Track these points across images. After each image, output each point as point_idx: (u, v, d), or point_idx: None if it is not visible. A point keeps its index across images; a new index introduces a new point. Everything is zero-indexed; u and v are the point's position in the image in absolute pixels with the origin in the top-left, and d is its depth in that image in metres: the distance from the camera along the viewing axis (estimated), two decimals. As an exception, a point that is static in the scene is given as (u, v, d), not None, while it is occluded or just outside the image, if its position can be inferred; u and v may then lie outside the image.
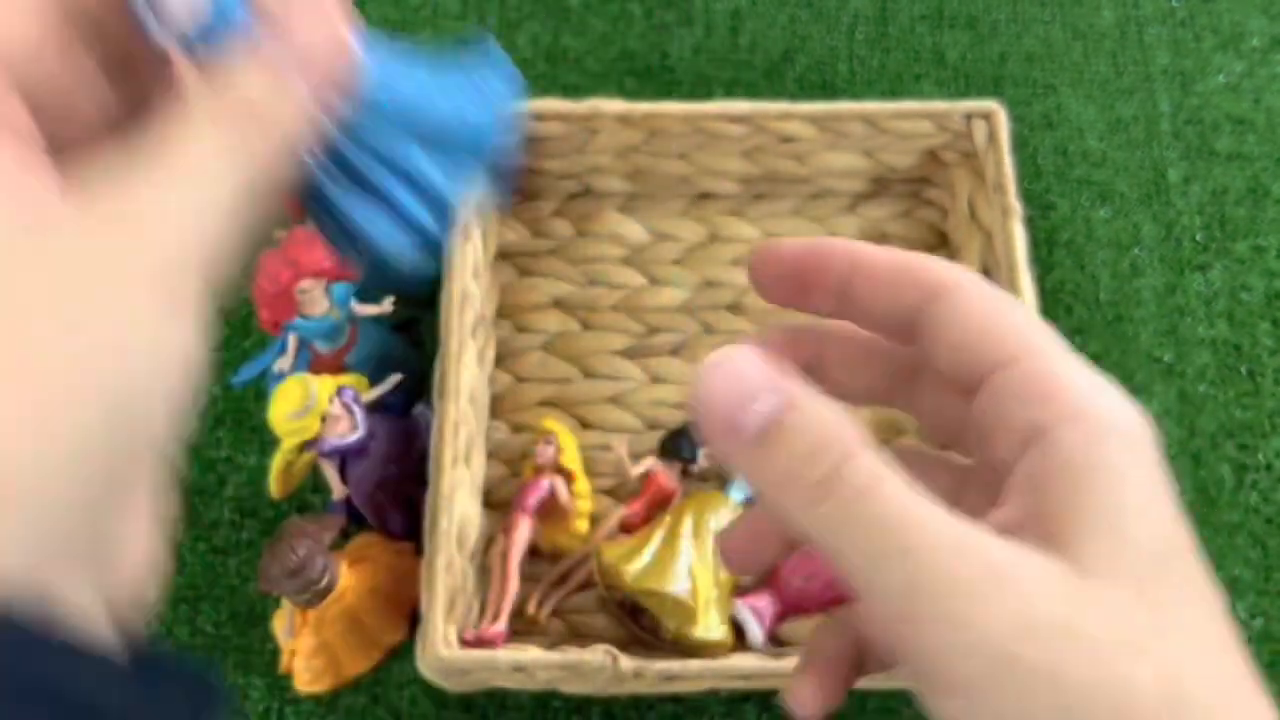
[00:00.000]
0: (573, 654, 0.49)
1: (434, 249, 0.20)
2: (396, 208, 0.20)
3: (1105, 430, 0.21)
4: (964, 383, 0.22)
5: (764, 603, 0.56)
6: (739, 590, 0.57)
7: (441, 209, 0.20)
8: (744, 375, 0.20)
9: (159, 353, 0.17)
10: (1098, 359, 0.65)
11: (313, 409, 0.52)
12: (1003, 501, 0.21)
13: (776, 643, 0.57)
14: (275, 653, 0.58)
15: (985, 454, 0.23)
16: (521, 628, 0.57)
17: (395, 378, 0.57)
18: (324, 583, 0.50)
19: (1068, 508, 0.20)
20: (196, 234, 0.18)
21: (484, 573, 0.58)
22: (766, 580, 0.58)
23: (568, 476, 0.58)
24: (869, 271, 0.23)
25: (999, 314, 0.22)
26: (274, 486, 0.57)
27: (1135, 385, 0.64)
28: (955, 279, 0.22)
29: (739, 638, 0.55)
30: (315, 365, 0.57)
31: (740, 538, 0.27)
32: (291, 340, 0.56)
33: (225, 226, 0.18)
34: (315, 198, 0.20)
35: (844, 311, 0.24)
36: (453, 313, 0.56)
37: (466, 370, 0.56)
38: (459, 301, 0.56)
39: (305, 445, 0.54)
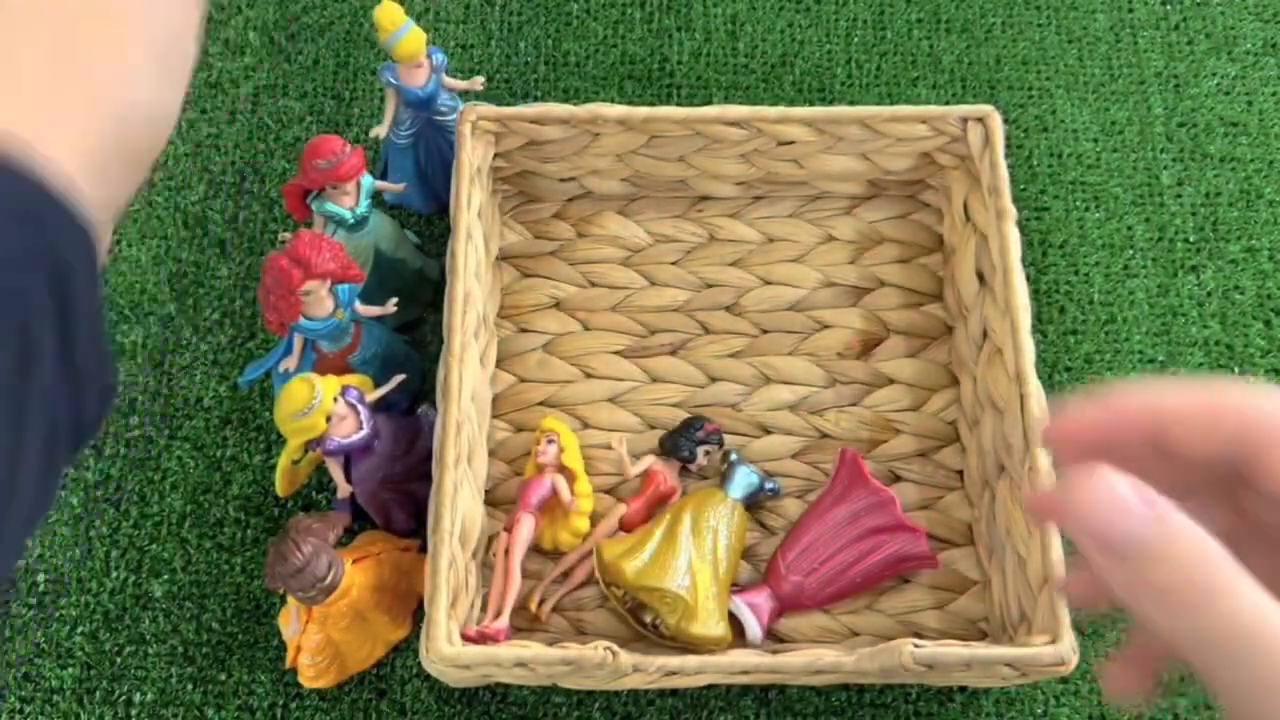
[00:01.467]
0: (574, 650, 0.50)
1: None
2: None
3: None
4: None
5: (762, 599, 0.56)
6: (737, 587, 0.58)
7: None
8: (1119, 492, 0.21)
9: None
10: (1091, 360, 0.66)
11: (317, 408, 0.52)
12: None
13: (774, 639, 0.58)
14: (281, 649, 0.58)
15: None
16: (523, 624, 0.57)
17: (399, 378, 0.58)
18: (329, 580, 0.51)
19: None
20: None
21: (486, 570, 0.58)
22: (764, 576, 0.58)
23: (569, 475, 0.59)
24: (1179, 425, 0.23)
25: None
26: (279, 485, 0.57)
27: (1128, 385, 0.65)
28: (1273, 421, 0.23)
29: (738, 634, 0.56)
30: (320, 365, 0.58)
31: (1128, 662, 0.27)
32: (297, 341, 0.57)
33: None
34: None
35: (1158, 466, 0.24)
36: (455, 314, 0.56)
37: (469, 370, 0.57)
38: (461, 302, 0.57)
39: (310, 444, 0.54)
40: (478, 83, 0.64)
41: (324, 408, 0.52)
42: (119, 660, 0.59)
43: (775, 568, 0.57)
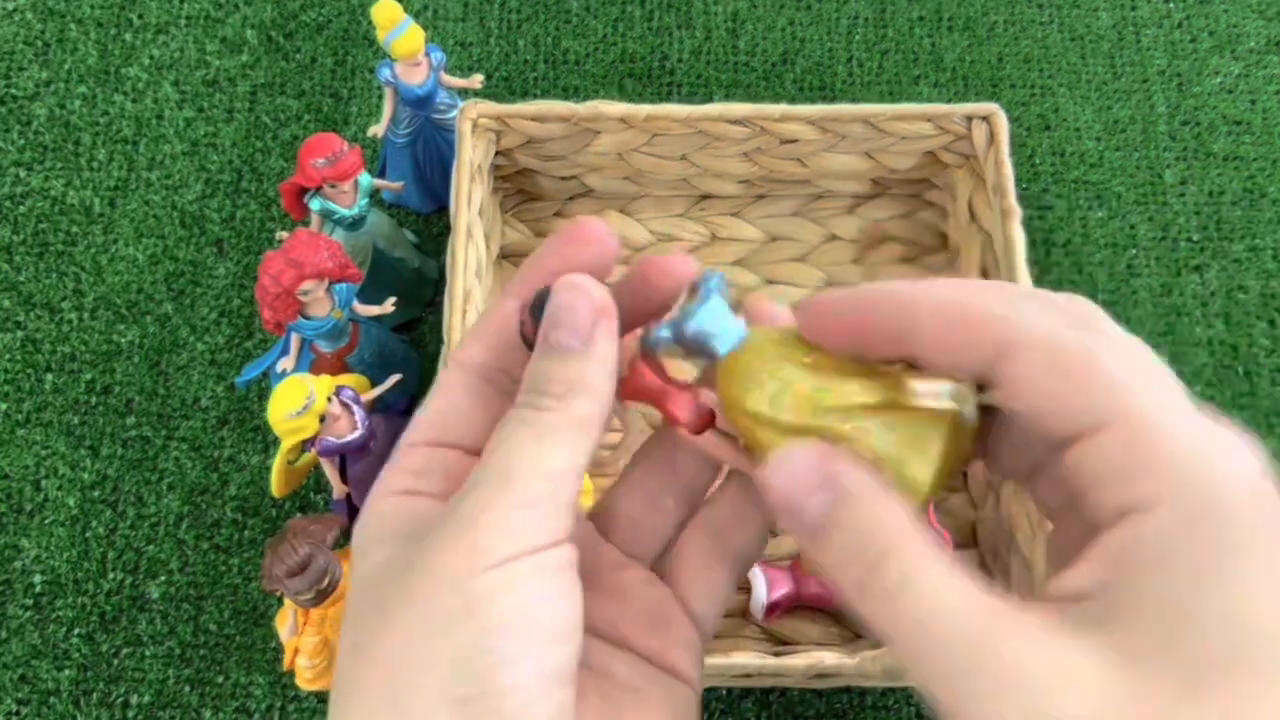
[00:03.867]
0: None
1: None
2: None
3: (1204, 510, 0.18)
4: (1047, 443, 0.21)
5: (781, 577, 0.56)
6: (764, 559, 0.58)
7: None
8: (803, 470, 0.21)
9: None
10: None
11: (311, 408, 0.52)
12: (1079, 561, 0.19)
13: (777, 641, 0.58)
14: (278, 651, 0.58)
15: (1072, 507, 0.21)
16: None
17: (394, 378, 0.57)
18: (326, 582, 0.51)
19: (1136, 590, 0.18)
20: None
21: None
22: (792, 563, 0.58)
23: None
24: (925, 327, 0.21)
25: (1083, 374, 0.20)
26: (275, 486, 0.57)
27: (1132, 385, 0.65)
28: (1025, 336, 0.20)
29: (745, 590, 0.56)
30: (317, 365, 0.58)
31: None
32: (294, 340, 0.56)
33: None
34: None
35: (910, 361, 0.22)
36: (455, 313, 0.56)
37: (468, 370, 0.57)
38: (461, 302, 0.56)
39: (305, 444, 0.54)
40: (476, 80, 0.63)
41: (318, 408, 0.52)
42: (116, 662, 0.58)
43: (799, 565, 0.57)
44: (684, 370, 0.25)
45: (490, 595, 0.20)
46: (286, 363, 0.57)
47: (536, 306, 0.23)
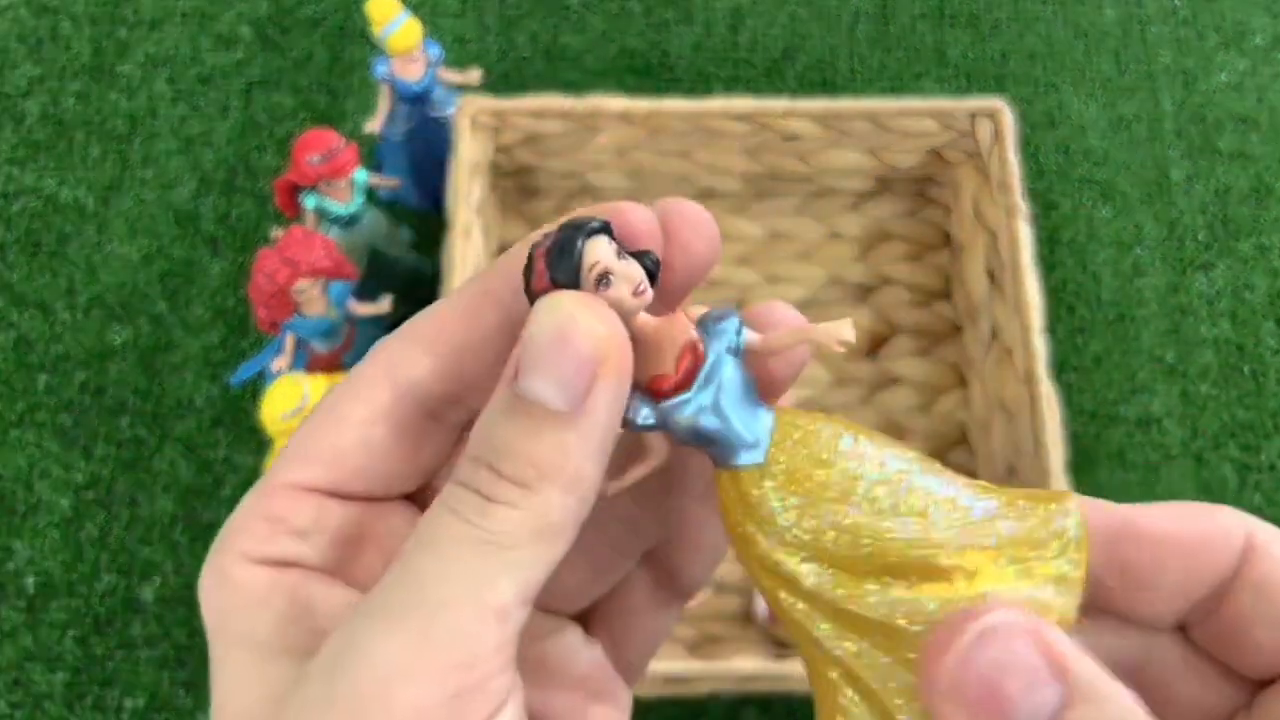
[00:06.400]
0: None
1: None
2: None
3: None
4: (1270, 672, 0.17)
5: None
6: None
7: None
8: (1024, 652, 0.15)
9: None
10: (1100, 359, 0.64)
11: (305, 409, 0.51)
12: None
13: (779, 644, 0.57)
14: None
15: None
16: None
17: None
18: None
19: None
20: None
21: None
22: None
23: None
24: (1147, 539, 0.17)
25: None
26: (271, 487, 0.56)
27: (1138, 385, 0.64)
28: (1258, 531, 0.17)
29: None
30: (313, 365, 0.57)
31: None
32: (289, 340, 0.56)
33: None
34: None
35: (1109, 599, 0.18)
36: (452, 312, 0.55)
37: (466, 370, 0.56)
38: (458, 301, 0.56)
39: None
40: (474, 76, 0.63)
41: (311, 408, 0.51)
42: (110, 665, 0.58)
43: None
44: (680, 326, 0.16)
45: None
46: (281, 362, 0.56)
47: (556, 252, 0.16)
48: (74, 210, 0.68)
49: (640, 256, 0.16)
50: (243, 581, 0.16)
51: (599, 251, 0.16)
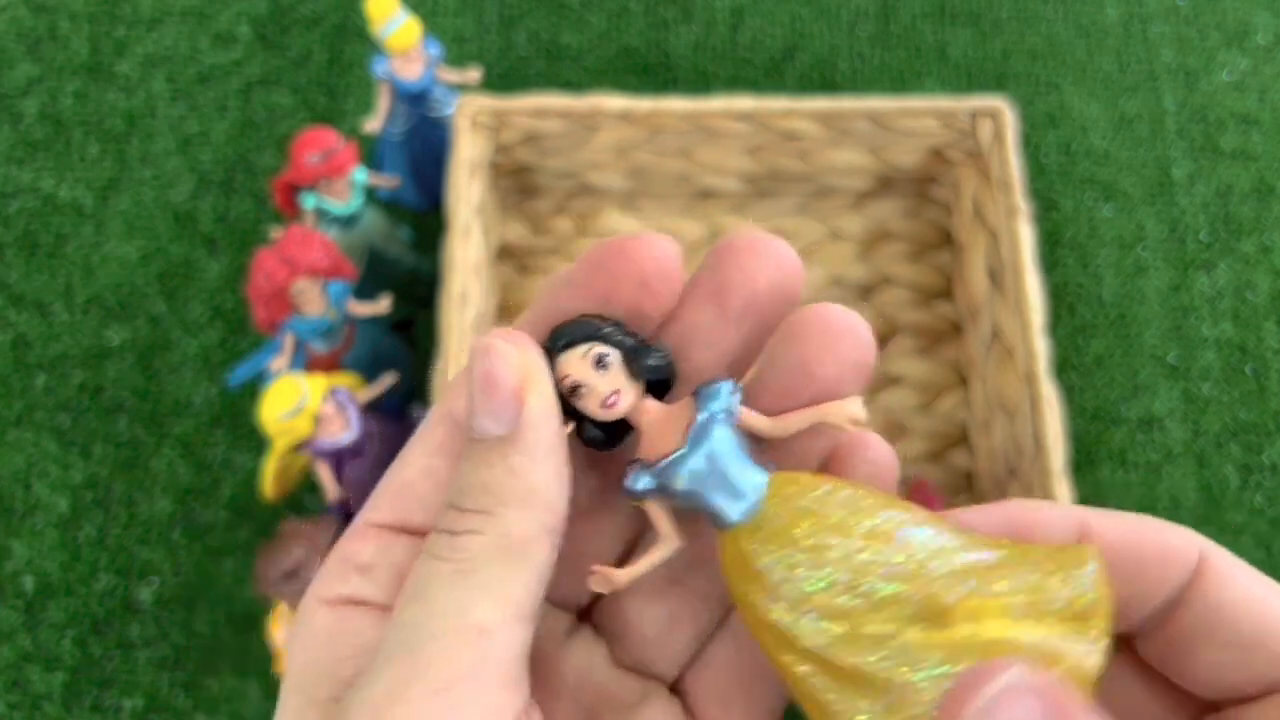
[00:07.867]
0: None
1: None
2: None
3: None
4: (1218, 694, 0.18)
5: None
6: None
7: None
8: (1032, 711, 0.15)
9: None
10: (1101, 359, 0.64)
11: (304, 409, 0.51)
12: None
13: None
14: (271, 655, 0.57)
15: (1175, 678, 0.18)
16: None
17: (388, 378, 0.56)
18: (321, 585, 0.50)
19: None
20: None
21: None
22: None
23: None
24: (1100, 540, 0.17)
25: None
26: (267, 488, 0.56)
27: (1139, 385, 0.64)
28: (1211, 553, 0.18)
29: None
30: (311, 365, 0.57)
31: None
32: (288, 340, 0.56)
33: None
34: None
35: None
36: (452, 311, 0.55)
37: (465, 370, 0.56)
38: (458, 300, 0.55)
39: (297, 446, 0.53)
40: (473, 75, 0.62)
41: (311, 409, 0.51)
42: (108, 666, 0.57)
43: None
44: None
45: None
46: (280, 362, 0.56)
47: (546, 351, 0.18)
48: (72, 209, 0.68)
49: (649, 353, 0.18)
50: (311, 623, 0.17)
51: (570, 365, 0.17)
